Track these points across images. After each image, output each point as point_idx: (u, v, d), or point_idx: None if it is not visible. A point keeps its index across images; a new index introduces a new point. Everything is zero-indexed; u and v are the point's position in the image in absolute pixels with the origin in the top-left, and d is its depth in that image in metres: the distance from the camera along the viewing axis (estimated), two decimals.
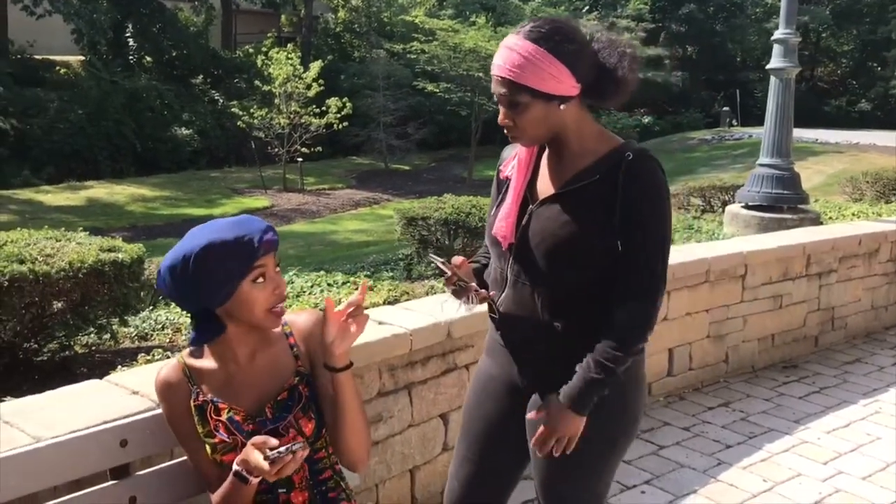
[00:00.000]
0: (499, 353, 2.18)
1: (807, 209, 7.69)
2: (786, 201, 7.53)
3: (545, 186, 2.06)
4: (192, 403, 1.92)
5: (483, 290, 2.09)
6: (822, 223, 7.39)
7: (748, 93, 33.35)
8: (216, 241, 1.81)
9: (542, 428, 1.99)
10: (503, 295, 2.09)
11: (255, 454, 1.74)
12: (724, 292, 4.76)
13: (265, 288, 1.85)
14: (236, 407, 1.90)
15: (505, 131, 2.02)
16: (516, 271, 2.05)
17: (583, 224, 1.95)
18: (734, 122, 30.75)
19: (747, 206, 7.68)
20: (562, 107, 1.95)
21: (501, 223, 2.06)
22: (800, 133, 17.94)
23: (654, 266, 1.98)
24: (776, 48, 7.61)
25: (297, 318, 2.03)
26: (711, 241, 6.14)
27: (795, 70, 7.66)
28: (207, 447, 1.91)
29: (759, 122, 9.99)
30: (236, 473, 1.79)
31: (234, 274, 1.82)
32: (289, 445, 1.74)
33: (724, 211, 8.27)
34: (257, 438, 1.77)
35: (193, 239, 1.84)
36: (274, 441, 1.75)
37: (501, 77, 1.93)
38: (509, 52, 1.93)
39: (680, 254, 4.68)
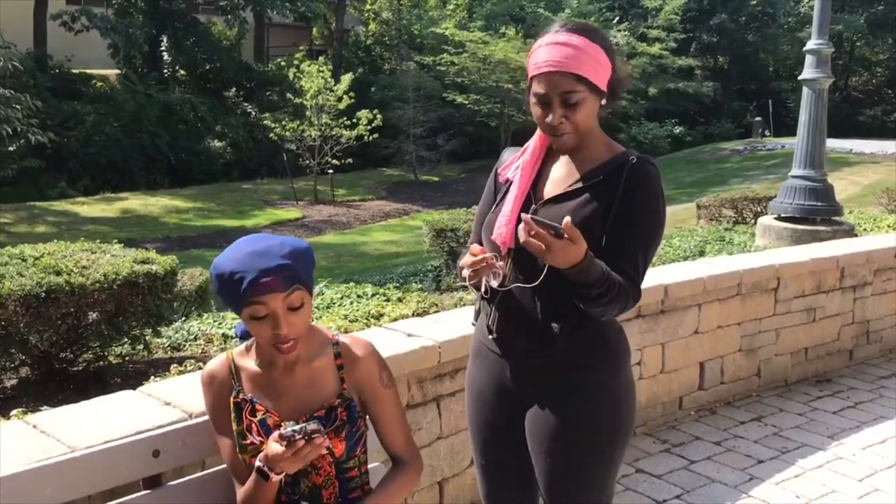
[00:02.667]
0: (488, 358, 2.19)
1: (841, 221, 7.58)
2: (819, 213, 7.43)
3: (549, 188, 2.08)
4: (231, 400, 1.97)
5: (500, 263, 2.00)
6: (856, 235, 7.28)
7: (781, 103, 32.99)
8: (220, 269, 1.85)
9: (568, 223, 1.80)
10: (499, 297, 2.08)
11: (271, 444, 1.80)
12: (756, 305, 4.71)
13: (263, 325, 1.85)
14: (272, 411, 1.93)
15: (552, 133, 2.01)
16: (515, 273, 2.05)
17: (583, 224, 1.95)
18: (766, 132, 30.45)
19: (780, 218, 7.59)
20: (602, 102, 2.00)
21: (502, 228, 2.06)
22: (834, 143, 17.72)
23: (639, 271, 1.99)
24: (808, 59, 7.52)
25: (351, 344, 2.03)
26: (743, 254, 6.07)
27: (828, 81, 7.57)
28: (238, 446, 1.95)
29: (792, 132, 9.90)
30: (258, 470, 1.84)
31: (233, 303, 1.87)
32: (303, 425, 1.77)
33: (756, 222, 8.18)
34: (276, 434, 1.81)
35: (221, 254, 1.90)
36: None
37: (561, 71, 1.92)
38: (564, 47, 1.93)
39: (711, 266, 4.65)
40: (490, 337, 2.16)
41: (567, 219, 1.80)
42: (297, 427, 1.78)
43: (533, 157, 2.11)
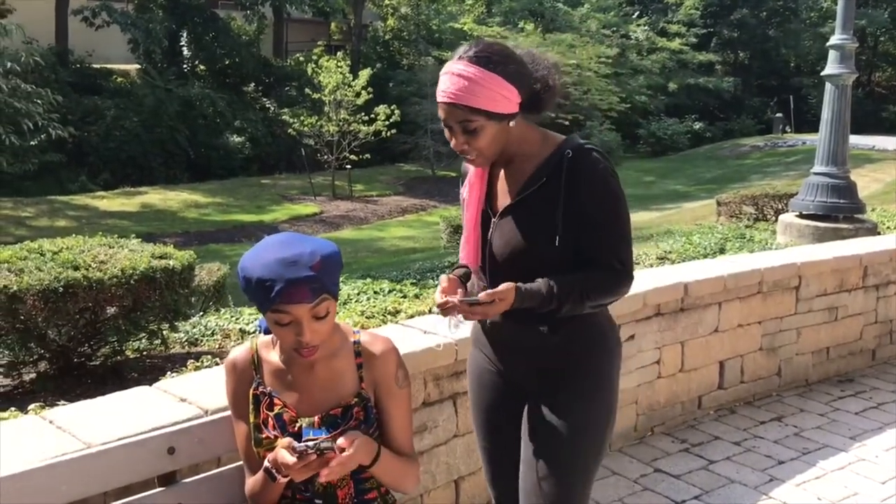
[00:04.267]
0: (486, 346, 2.26)
1: (863, 219, 7.49)
2: (841, 210, 7.35)
3: (502, 199, 2.12)
4: (251, 391, 1.98)
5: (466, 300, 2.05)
6: (879, 233, 7.19)
7: (802, 99, 32.73)
8: (247, 272, 1.85)
9: (486, 294, 1.94)
10: None
11: (282, 451, 1.81)
12: (777, 304, 4.66)
13: (287, 330, 1.86)
14: (290, 407, 1.94)
15: (461, 155, 2.07)
16: (493, 285, 2.06)
17: (538, 229, 2.02)
18: (787, 128, 30.21)
19: (801, 216, 7.51)
20: (511, 124, 2.03)
21: (466, 251, 2.14)
22: (857, 140, 17.57)
23: (619, 255, 2.03)
24: (832, 54, 7.44)
25: (371, 342, 2.04)
26: (764, 252, 6.01)
27: (852, 76, 7.48)
28: (253, 439, 1.97)
29: (813, 128, 9.81)
30: (266, 470, 1.87)
31: (256, 304, 1.89)
32: (317, 442, 1.78)
33: (777, 220, 8.11)
34: (285, 440, 1.84)
35: (248, 253, 1.90)
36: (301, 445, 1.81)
37: (454, 104, 1.97)
38: (459, 78, 1.97)
39: (732, 264, 4.60)
40: (485, 330, 2.24)
41: (482, 294, 1.93)
42: (310, 443, 1.79)
43: (478, 174, 2.15)
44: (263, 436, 1.94)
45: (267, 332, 2.05)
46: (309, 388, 1.95)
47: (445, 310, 2.01)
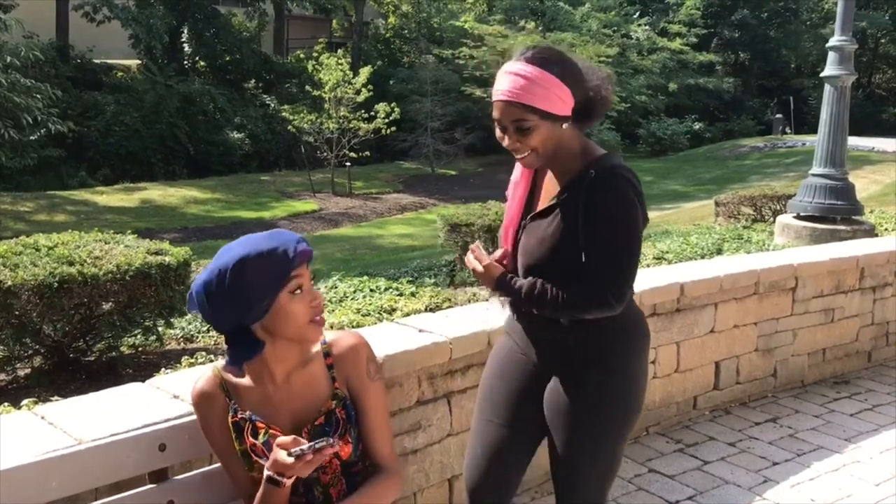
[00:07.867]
0: (518, 334, 2.34)
1: (861, 220, 7.49)
2: (839, 212, 7.35)
3: (540, 203, 2.21)
4: (229, 419, 1.91)
5: None
6: (877, 235, 7.20)
7: (802, 100, 32.73)
8: (251, 254, 1.79)
9: (482, 261, 2.20)
10: None
11: (280, 453, 1.75)
12: (774, 305, 4.66)
13: (303, 299, 1.83)
14: (273, 427, 1.88)
15: (513, 154, 2.13)
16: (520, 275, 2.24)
17: (553, 242, 2.09)
18: (787, 129, 30.20)
19: (799, 217, 7.51)
20: (564, 126, 2.07)
21: (501, 238, 2.28)
22: (856, 141, 17.57)
23: (606, 276, 2.05)
24: (831, 55, 7.43)
25: (337, 338, 2.01)
26: (761, 253, 6.01)
27: (851, 78, 7.48)
28: (244, 463, 1.92)
29: (813, 129, 9.81)
30: (269, 479, 1.79)
31: (271, 286, 1.79)
32: (312, 444, 1.75)
33: (775, 221, 8.11)
34: (283, 439, 1.77)
35: (227, 253, 1.83)
36: (302, 442, 1.78)
37: (511, 101, 2.02)
38: (516, 77, 2.03)
39: (729, 265, 4.60)
40: (517, 320, 2.32)
41: (487, 256, 2.21)
42: (305, 447, 1.75)
43: (524, 173, 2.25)
44: (254, 460, 1.89)
45: (233, 361, 1.92)
46: (287, 403, 1.90)
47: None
